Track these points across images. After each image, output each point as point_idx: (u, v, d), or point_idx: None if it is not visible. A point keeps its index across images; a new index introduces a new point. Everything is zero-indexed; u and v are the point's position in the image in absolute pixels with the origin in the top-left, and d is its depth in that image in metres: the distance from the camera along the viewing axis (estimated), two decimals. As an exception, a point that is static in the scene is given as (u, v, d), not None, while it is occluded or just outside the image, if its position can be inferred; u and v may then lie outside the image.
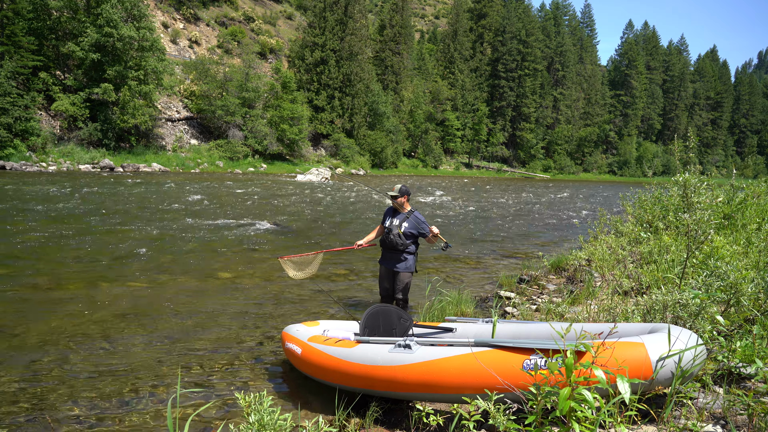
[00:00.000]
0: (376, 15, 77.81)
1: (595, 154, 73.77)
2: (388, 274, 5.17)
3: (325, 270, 7.16)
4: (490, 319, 3.60)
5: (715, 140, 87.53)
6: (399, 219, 5.08)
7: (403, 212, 5.13)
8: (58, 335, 4.37)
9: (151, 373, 3.74)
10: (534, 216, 16.83)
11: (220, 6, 49.59)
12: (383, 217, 5.29)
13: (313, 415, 3.17)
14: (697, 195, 3.83)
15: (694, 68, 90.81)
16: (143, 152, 30.21)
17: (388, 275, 5.17)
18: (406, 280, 5.07)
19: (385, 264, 5.19)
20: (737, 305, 3.21)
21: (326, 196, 20.11)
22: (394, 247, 5.03)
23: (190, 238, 9.23)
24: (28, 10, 26.64)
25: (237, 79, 37.02)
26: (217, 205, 14.57)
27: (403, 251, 5.04)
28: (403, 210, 5.14)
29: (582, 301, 4.97)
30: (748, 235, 5.11)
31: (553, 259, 7.27)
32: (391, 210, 5.23)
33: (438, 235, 4.98)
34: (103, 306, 5.19)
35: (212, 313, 5.18)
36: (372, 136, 45.83)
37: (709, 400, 2.49)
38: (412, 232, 5.02)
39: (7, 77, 24.05)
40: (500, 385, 2.48)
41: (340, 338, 3.52)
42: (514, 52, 65.89)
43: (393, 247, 5.04)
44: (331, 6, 45.06)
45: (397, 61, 54.69)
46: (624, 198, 8.49)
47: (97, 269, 6.71)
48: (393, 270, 5.10)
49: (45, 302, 5.24)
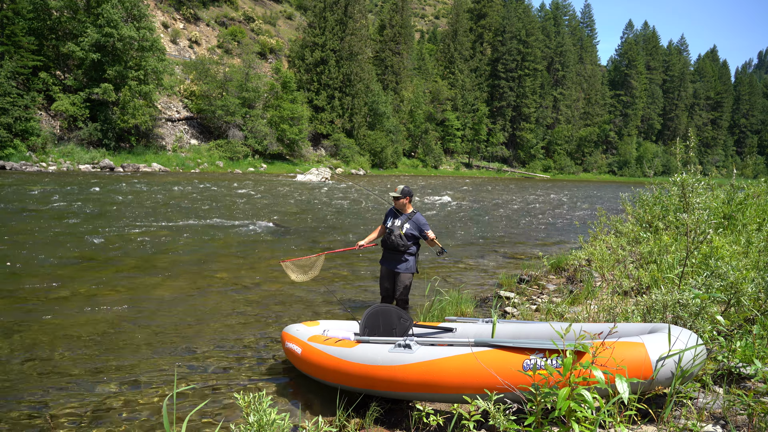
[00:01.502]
0: (376, 15, 77.74)
1: (595, 154, 73.77)
2: (389, 274, 5.18)
3: (325, 270, 7.15)
4: (490, 319, 3.60)
5: (715, 140, 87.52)
6: (401, 220, 5.09)
7: (405, 213, 5.14)
8: (57, 335, 4.37)
9: (150, 373, 3.74)
10: (534, 216, 16.82)
11: (220, 6, 49.58)
12: (384, 218, 5.29)
13: (313, 415, 3.16)
14: (695, 195, 3.83)
15: (694, 68, 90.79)
16: (143, 152, 30.21)
17: (389, 276, 5.18)
18: (406, 281, 5.09)
19: (386, 264, 5.20)
20: (737, 305, 3.21)
21: (326, 196, 20.10)
22: (395, 248, 5.04)
23: (190, 238, 9.23)
24: (28, 10, 26.64)
25: (237, 79, 37.03)
26: (217, 205, 14.57)
27: (404, 252, 5.06)
28: (405, 211, 5.15)
29: (582, 301, 4.97)
30: (748, 235, 5.11)
31: (553, 259, 7.26)
32: (393, 211, 5.23)
33: (434, 240, 5.00)
34: (103, 306, 5.19)
35: (212, 313, 5.18)
36: (372, 136, 45.82)
37: (709, 400, 2.49)
38: (413, 233, 5.03)
39: (7, 77, 24.06)
40: (500, 385, 2.48)
41: (340, 338, 3.52)
42: (514, 52, 65.87)
43: (394, 248, 5.05)
44: (331, 6, 45.05)
45: (397, 61, 54.69)
46: (624, 198, 8.49)
47: (97, 269, 6.71)
48: (394, 271, 5.11)
49: (44, 302, 5.24)
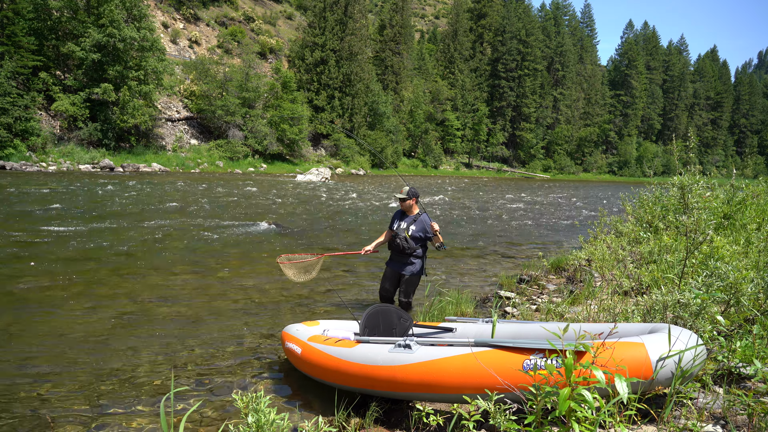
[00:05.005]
0: (376, 15, 77.71)
1: (595, 154, 73.75)
2: (393, 276, 5.08)
3: (325, 270, 7.15)
4: (490, 319, 3.59)
5: (715, 140, 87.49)
6: (406, 222, 5.00)
7: (412, 215, 5.05)
8: (56, 335, 4.37)
9: (149, 373, 3.74)
10: (534, 216, 16.81)
11: (220, 6, 49.57)
12: (391, 220, 5.18)
13: (313, 415, 3.16)
14: (694, 195, 3.83)
15: (694, 68, 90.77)
16: (143, 152, 30.20)
17: (393, 277, 5.09)
18: (413, 283, 5.01)
19: (392, 266, 5.11)
20: (737, 305, 3.21)
21: (326, 196, 20.10)
22: (401, 250, 4.95)
23: (190, 238, 9.23)
24: (28, 10, 26.64)
25: (237, 79, 37.00)
26: (216, 205, 14.57)
27: (411, 255, 4.96)
28: (412, 212, 5.06)
29: (582, 301, 4.96)
30: (748, 235, 5.11)
31: (553, 259, 7.26)
32: (400, 212, 5.14)
33: (437, 232, 4.88)
34: (102, 305, 5.19)
35: (212, 313, 5.17)
36: (372, 136, 45.82)
37: (709, 400, 2.49)
38: (420, 235, 4.92)
39: (7, 77, 24.04)
40: (500, 385, 2.48)
41: (340, 338, 3.52)
42: (514, 52, 65.85)
43: (401, 250, 4.95)
44: (331, 6, 45.04)
45: (397, 61, 54.68)
46: (624, 198, 8.49)
47: (96, 269, 6.70)
48: (399, 273, 5.01)
49: (44, 302, 5.23)
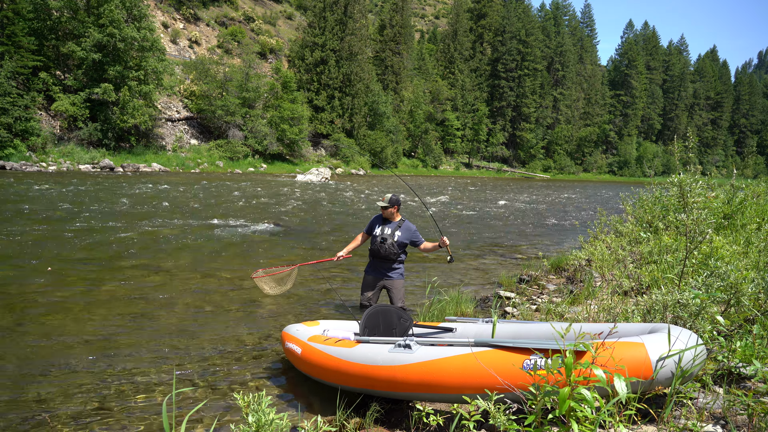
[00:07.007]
0: (376, 15, 77.70)
1: (595, 154, 73.77)
2: (376, 283, 5.08)
3: (325, 270, 7.16)
4: (490, 319, 3.59)
5: (715, 140, 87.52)
6: (391, 228, 5.00)
7: (394, 221, 5.07)
8: (56, 335, 4.36)
9: (150, 373, 3.74)
10: (534, 216, 16.82)
11: (220, 6, 49.57)
12: (369, 226, 5.18)
13: (313, 415, 3.16)
14: (693, 195, 3.83)
15: (694, 68, 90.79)
16: (143, 152, 30.20)
17: (375, 284, 5.08)
18: (401, 288, 5.06)
19: (374, 273, 5.09)
20: (737, 305, 3.20)
21: (326, 196, 20.10)
22: (387, 256, 4.97)
23: (190, 238, 9.23)
24: (28, 11, 26.64)
25: (237, 79, 37.01)
26: (216, 205, 14.57)
27: (395, 260, 5.01)
28: (394, 219, 5.08)
29: (582, 301, 4.96)
30: (748, 235, 5.11)
31: (553, 259, 7.27)
32: (380, 218, 5.13)
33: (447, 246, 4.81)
34: (102, 305, 5.19)
35: (212, 313, 5.17)
36: (372, 136, 45.82)
37: (709, 400, 2.49)
38: (404, 241, 4.98)
39: (7, 77, 24.05)
40: (500, 385, 2.48)
41: (340, 338, 3.52)
42: (513, 52, 65.86)
43: (386, 256, 4.97)
44: (331, 6, 45.05)
45: (397, 61, 54.68)
46: (624, 198, 8.49)
47: (96, 269, 6.70)
48: (384, 279, 5.04)
49: (44, 302, 5.23)
